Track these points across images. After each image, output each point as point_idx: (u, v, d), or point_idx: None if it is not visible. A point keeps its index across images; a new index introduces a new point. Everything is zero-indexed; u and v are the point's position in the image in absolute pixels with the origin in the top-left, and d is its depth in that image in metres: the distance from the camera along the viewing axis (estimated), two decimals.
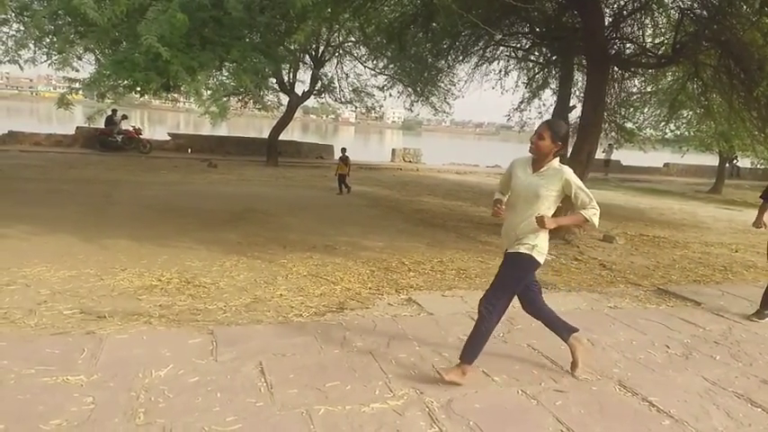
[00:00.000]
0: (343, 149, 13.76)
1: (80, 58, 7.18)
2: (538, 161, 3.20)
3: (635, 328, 4.47)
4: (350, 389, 3.04)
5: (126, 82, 6.16)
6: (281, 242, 7.04)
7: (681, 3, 9.30)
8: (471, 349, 3.21)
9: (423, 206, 11.72)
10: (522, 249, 3.16)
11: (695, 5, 8.85)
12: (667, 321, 4.70)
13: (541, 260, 3.21)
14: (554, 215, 3.25)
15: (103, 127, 18.17)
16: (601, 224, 9.21)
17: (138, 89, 6.93)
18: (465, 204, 12.60)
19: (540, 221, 3.08)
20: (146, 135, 20.52)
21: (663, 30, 10.74)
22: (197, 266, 5.63)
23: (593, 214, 3.15)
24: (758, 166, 21.86)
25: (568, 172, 3.17)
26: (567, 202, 3.48)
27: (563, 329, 3.46)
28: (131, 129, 18.97)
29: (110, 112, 17.52)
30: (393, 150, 25.43)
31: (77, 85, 6.23)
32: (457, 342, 3.87)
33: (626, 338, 4.22)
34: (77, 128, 19.19)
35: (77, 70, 6.47)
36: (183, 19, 4.69)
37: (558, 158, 3.20)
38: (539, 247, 3.17)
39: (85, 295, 4.48)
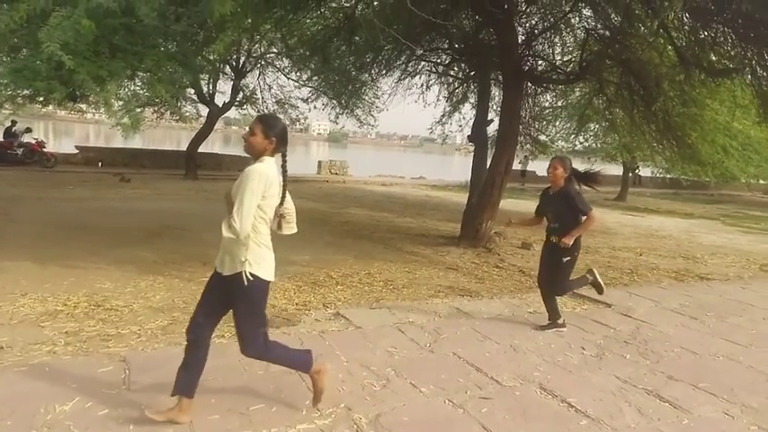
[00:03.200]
0: None
1: None
2: (253, 159, 2.79)
3: (553, 332, 4.66)
4: (275, 411, 2.95)
5: (26, 92, 5.71)
6: (201, 259, 6.75)
7: (586, 23, 9.96)
8: (295, 363, 3.00)
9: (350, 218, 11.70)
10: (238, 269, 2.72)
11: (599, 26, 9.51)
12: (582, 323, 4.95)
13: (262, 274, 2.75)
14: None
15: (1, 139, 16.77)
16: (520, 232, 9.46)
17: (41, 99, 6.45)
18: (391, 215, 12.72)
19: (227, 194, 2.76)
20: (50, 148, 19.14)
21: (570, 48, 11.47)
22: (108, 288, 5.27)
23: (228, 224, 2.63)
24: (657, 175, 23.74)
25: (251, 168, 2.68)
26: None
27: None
28: (33, 141, 17.62)
29: (9, 124, 16.23)
30: (319, 162, 25.30)
31: None
32: (385, 355, 3.86)
33: (545, 342, 4.39)
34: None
35: None
36: (88, 26, 4.40)
37: (273, 158, 2.79)
38: (249, 260, 2.72)
39: None
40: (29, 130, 17.70)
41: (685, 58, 8.05)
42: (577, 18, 10.17)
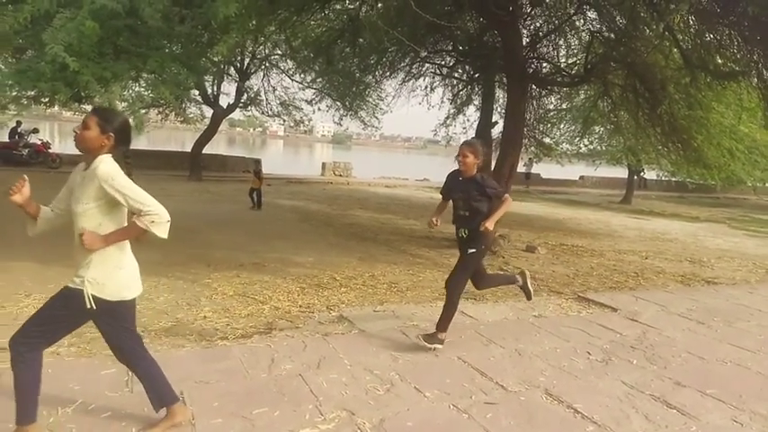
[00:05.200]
0: (257, 162, 13.46)
1: None
2: (86, 159, 2.48)
3: (558, 336, 4.62)
4: (278, 415, 2.92)
5: (30, 93, 5.73)
6: (206, 260, 6.74)
7: (591, 26, 9.95)
8: (24, 402, 2.41)
9: (354, 220, 11.68)
10: (72, 284, 2.42)
11: (604, 29, 9.48)
12: (588, 328, 4.91)
13: (107, 295, 2.41)
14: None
15: (7, 140, 16.84)
16: (524, 234, 9.36)
17: (45, 100, 6.46)
18: (395, 217, 12.69)
19: (82, 240, 2.36)
20: (56, 149, 19.19)
21: (575, 51, 11.46)
22: None
23: (150, 222, 2.36)
24: (663, 177, 23.67)
25: (103, 170, 2.35)
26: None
27: (167, 395, 2.67)
28: (39, 142, 17.68)
29: (14, 125, 16.32)
30: (323, 164, 25.33)
31: None
32: (389, 359, 3.83)
33: (550, 347, 4.35)
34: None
35: None
36: (92, 27, 4.40)
37: (109, 156, 2.44)
38: (95, 278, 2.40)
39: None
40: (36, 131, 17.74)
41: (691, 61, 8.02)
42: (582, 20, 10.17)
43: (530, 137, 13.26)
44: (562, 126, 16.61)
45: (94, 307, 2.40)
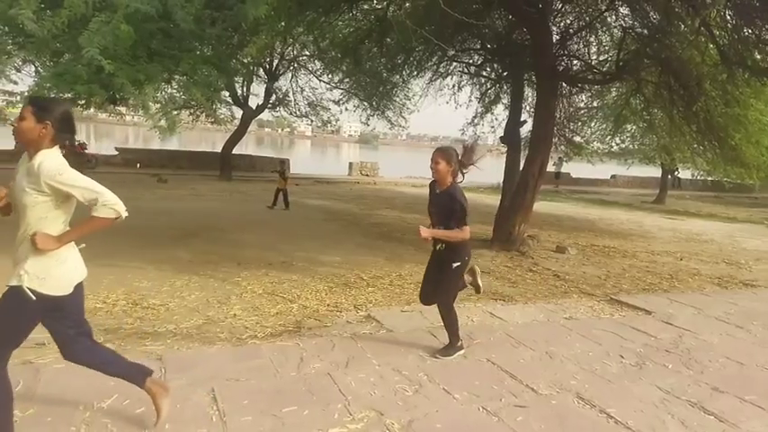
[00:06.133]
0: (282, 162, 13.57)
1: (19, 70, 6.83)
2: (29, 153, 2.30)
3: (590, 339, 4.53)
4: (307, 413, 2.93)
5: (67, 95, 5.89)
6: (236, 259, 6.84)
7: (623, 22, 9.73)
8: None
9: (381, 219, 11.69)
10: (13, 281, 2.27)
11: (636, 24, 9.26)
12: (620, 331, 4.80)
13: (47, 289, 2.28)
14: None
15: None
16: (553, 235, 9.21)
17: (82, 102, 6.64)
18: (422, 217, 12.57)
19: (35, 241, 2.24)
20: (91, 150, 19.77)
21: (607, 47, 11.21)
22: (145, 287, 5.38)
23: (109, 209, 2.31)
24: (698, 177, 22.97)
25: (47, 167, 2.21)
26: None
27: (135, 374, 2.68)
28: (76, 143, 18.23)
29: None
30: (350, 164, 25.47)
31: (17, 98, 5.91)
32: (417, 359, 3.82)
33: (582, 349, 4.27)
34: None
35: (16, 83, 6.15)
36: (127, 30, 4.50)
37: (55, 147, 2.31)
38: (35, 272, 2.27)
39: None
40: None
41: (728, 57, 7.78)
42: (614, 16, 9.95)
43: (560, 135, 13.04)
44: (593, 124, 16.26)
45: (33, 298, 2.26)
